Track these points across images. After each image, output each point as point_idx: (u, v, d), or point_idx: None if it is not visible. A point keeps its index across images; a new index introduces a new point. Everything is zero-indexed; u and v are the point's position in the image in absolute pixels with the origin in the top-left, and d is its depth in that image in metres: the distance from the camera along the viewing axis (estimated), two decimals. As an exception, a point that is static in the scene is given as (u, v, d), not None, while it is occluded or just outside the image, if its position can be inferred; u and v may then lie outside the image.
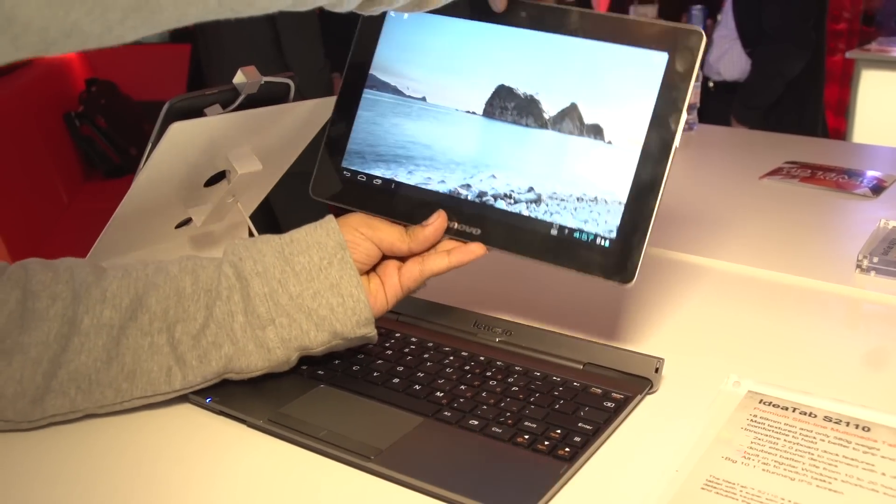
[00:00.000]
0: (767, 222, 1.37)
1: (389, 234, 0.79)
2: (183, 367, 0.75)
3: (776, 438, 0.72)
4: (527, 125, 0.78)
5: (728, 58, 2.94)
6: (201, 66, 3.02)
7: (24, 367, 0.71)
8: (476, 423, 0.74)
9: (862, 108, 3.76)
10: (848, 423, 0.74)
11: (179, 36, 4.42)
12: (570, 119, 0.76)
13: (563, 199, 0.76)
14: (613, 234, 0.75)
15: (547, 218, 0.77)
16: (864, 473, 0.68)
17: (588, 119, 0.76)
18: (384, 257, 0.81)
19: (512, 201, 0.78)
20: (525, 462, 0.69)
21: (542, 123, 0.78)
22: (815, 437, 0.72)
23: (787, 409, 0.77)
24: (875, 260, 1.13)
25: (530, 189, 0.78)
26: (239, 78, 0.85)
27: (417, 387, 0.80)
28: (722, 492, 0.66)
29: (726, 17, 2.98)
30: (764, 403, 0.78)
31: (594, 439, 0.72)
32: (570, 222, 0.76)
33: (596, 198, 0.75)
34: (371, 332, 0.79)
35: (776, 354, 0.92)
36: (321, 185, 0.86)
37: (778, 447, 0.71)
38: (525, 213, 0.78)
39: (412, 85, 0.83)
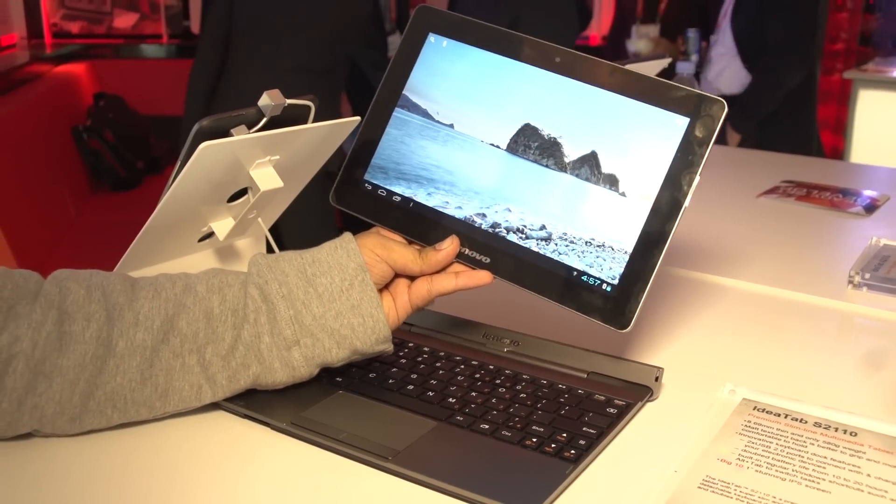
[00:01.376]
0: (764, 239, 1.42)
1: (403, 256, 0.83)
2: (213, 386, 0.79)
3: (769, 442, 0.77)
4: (547, 166, 0.82)
5: (727, 73, 2.99)
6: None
7: (63, 388, 0.74)
8: (487, 426, 0.79)
9: (859, 128, 3.81)
10: (837, 429, 0.79)
11: (184, 51, 4.48)
12: (588, 166, 0.80)
13: (572, 241, 0.80)
14: (616, 282, 0.78)
15: (555, 257, 0.81)
16: (851, 474, 0.72)
17: (605, 168, 0.80)
18: (395, 275, 0.85)
19: (524, 236, 0.82)
20: (533, 463, 0.74)
21: (561, 166, 0.81)
22: (805, 441, 0.77)
23: (779, 415, 0.81)
24: (867, 276, 1.18)
25: (542, 227, 0.82)
26: (264, 100, 0.90)
27: (431, 393, 0.84)
28: (717, 491, 0.70)
29: (723, 36, 3.03)
30: (758, 410, 0.82)
31: (598, 442, 0.77)
32: (576, 264, 0.80)
33: (603, 244, 0.79)
34: (389, 347, 0.84)
35: (770, 365, 0.96)
36: (342, 194, 0.90)
37: (770, 450, 0.76)
38: (535, 249, 0.82)
39: (442, 111, 0.87)
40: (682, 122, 0.78)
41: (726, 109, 0.77)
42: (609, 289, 0.79)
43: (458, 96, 0.87)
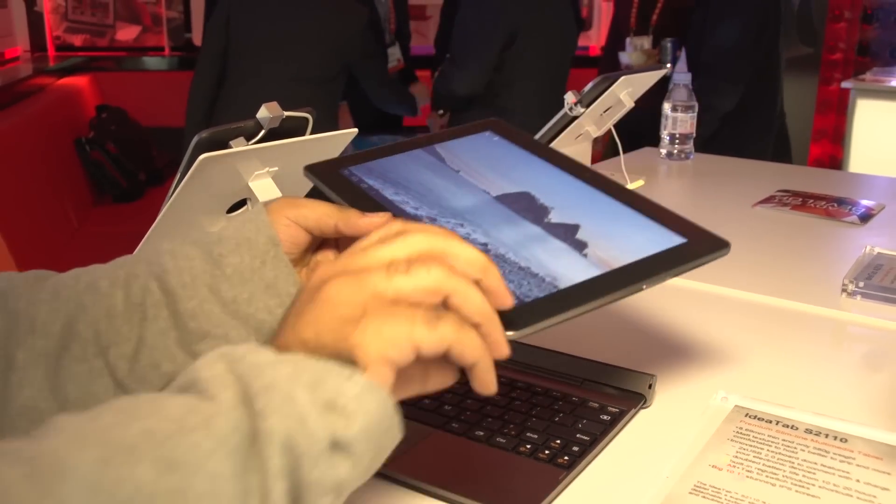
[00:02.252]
0: (759, 248, 1.43)
1: (314, 210, 0.70)
2: (126, 391, 0.70)
3: (760, 448, 0.78)
4: (524, 217, 0.75)
5: None
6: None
7: None
8: (482, 433, 0.80)
9: (857, 137, 3.82)
10: (827, 435, 0.80)
11: (186, 64, 4.51)
12: (564, 230, 0.74)
13: (506, 261, 0.70)
14: (527, 300, 0.66)
15: None
16: (840, 480, 0.73)
17: (580, 237, 0.73)
18: (320, 246, 0.73)
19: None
20: (527, 469, 0.75)
21: (538, 222, 0.75)
22: (795, 448, 0.78)
23: (770, 421, 0.82)
24: (860, 284, 1.19)
25: (484, 245, 0.71)
26: (262, 112, 0.91)
27: (427, 401, 0.86)
28: (708, 496, 0.71)
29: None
30: (749, 417, 0.84)
31: (591, 449, 0.78)
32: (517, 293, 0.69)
33: (537, 274, 0.69)
34: None
35: (763, 372, 0.98)
36: (318, 170, 0.79)
37: (761, 456, 0.77)
38: None
39: (457, 162, 0.82)
40: (678, 239, 0.73)
41: (729, 250, 0.74)
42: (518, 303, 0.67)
43: (480, 162, 0.82)
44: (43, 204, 3.23)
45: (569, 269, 0.67)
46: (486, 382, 0.56)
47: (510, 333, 0.59)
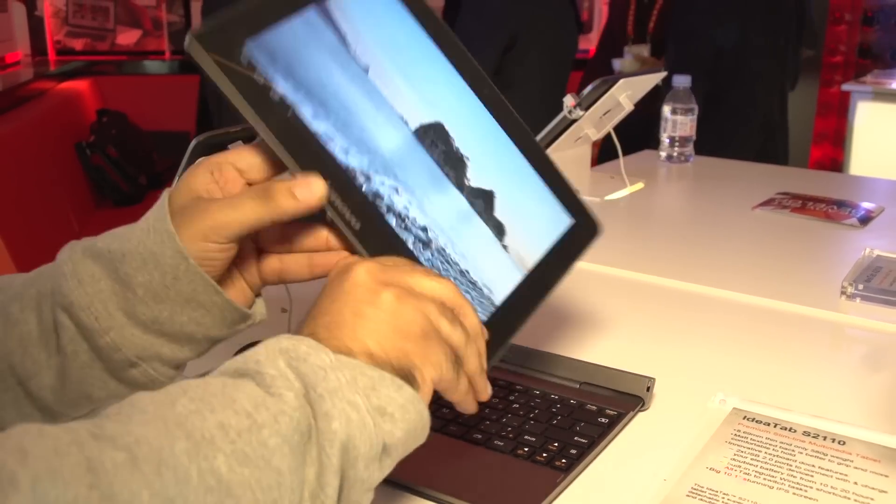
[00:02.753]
0: (758, 251, 1.43)
1: (241, 217, 0.60)
2: (55, 417, 0.66)
3: (757, 451, 0.78)
4: (446, 175, 0.72)
5: None
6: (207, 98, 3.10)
7: None
8: (480, 436, 0.80)
9: (858, 140, 3.83)
10: (825, 438, 0.80)
11: (187, 67, 4.51)
12: (483, 201, 0.73)
13: (448, 262, 0.69)
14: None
15: (426, 265, 0.66)
16: (838, 482, 0.73)
17: (497, 214, 0.73)
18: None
19: (404, 226, 0.67)
20: (525, 472, 0.75)
21: (459, 185, 0.72)
22: (793, 450, 0.78)
23: (769, 424, 0.82)
24: (859, 287, 1.19)
25: (424, 229, 0.68)
26: (260, 116, 0.91)
27: (425, 404, 0.85)
28: (705, 499, 0.71)
29: None
30: (748, 419, 0.83)
31: (589, 452, 0.78)
32: None
33: (476, 283, 0.69)
34: (255, 321, 0.69)
35: (762, 375, 0.98)
36: (211, 42, 0.61)
37: (759, 459, 0.77)
38: (410, 246, 0.66)
39: (360, 49, 0.70)
40: (567, 220, 0.77)
41: (597, 236, 0.77)
42: None
43: (383, 48, 0.71)
44: (44, 208, 3.23)
45: (498, 274, 0.71)
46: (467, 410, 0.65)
47: None
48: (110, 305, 0.62)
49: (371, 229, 0.64)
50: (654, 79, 1.77)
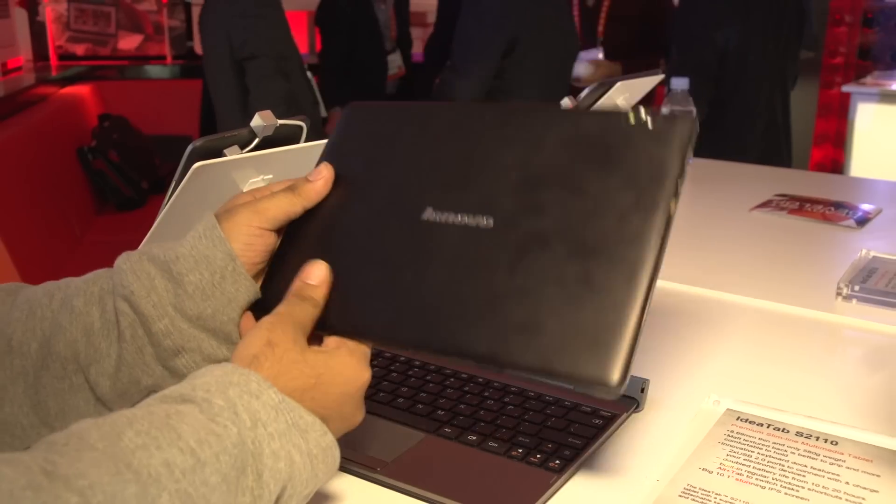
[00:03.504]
0: (755, 252, 1.43)
1: (279, 207, 0.74)
2: (106, 405, 0.72)
3: (750, 451, 0.78)
4: None
5: None
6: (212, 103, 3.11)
7: None
8: (474, 438, 0.80)
9: (858, 141, 3.83)
10: (818, 438, 0.80)
11: (188, 72, 4.53)
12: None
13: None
14: None
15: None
16: (830, 482, 0.74)
17: None
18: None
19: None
20: (518, 473, 0.75)
21: None
22: (786, 451, 0.79)
23: (761, 425, 0.83)
24: (855, 288, 1.19)
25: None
26: (256, 121, 0.92)
27: (420, 406, 0.86)
28: (698, 499, 0.72)
29: None
30: (741, 420, 0.84)
31: (582, 453, 0.78)
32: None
33: None
34: None
35: (757, 376, 0.98)
36: None
37: (752, 459, 0.77)
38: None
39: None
40: None
41: None
42: None
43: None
44: (46, 213, 3.24)
45: None
46: None
47: None
48: (163, 299, 0.70)
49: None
50: (651, 81, 1.77)
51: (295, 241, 0.76)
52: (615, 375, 0.60)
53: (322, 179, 0.77)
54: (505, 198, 0.69)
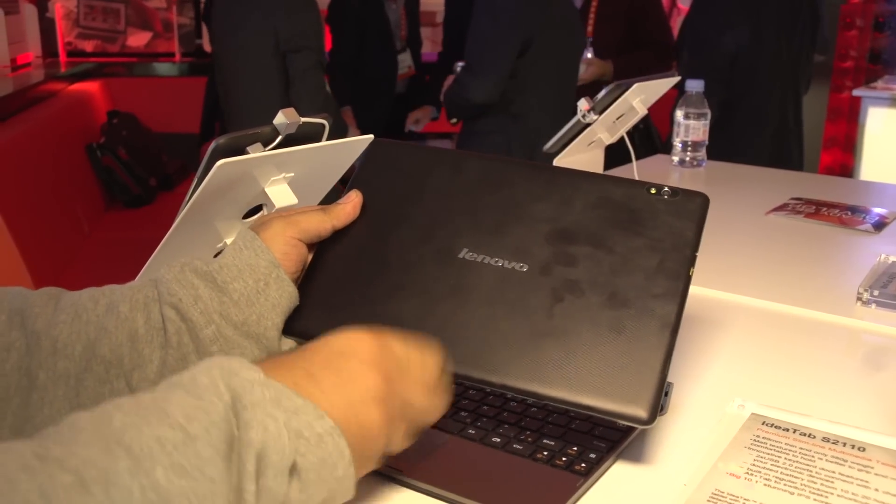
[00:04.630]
0: (773, 256, 1.43)
1: (311, 222, 0.79)
2: None
3: (777, 457, 0.78)
4: None
5: None
6: (218, 99, 3.11)
7: None
8: (498, 440, 0.80)
9: (869, 145, 3.82)
10: (845, 444, 0.80)
11: (197, 69, 4.52)
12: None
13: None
14: None
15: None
16: (859, 489, 0.73)
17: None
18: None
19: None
20: (544, 476, 0.75)
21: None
22: (813, 456, 0.78)
23: (787, 430, 0.82)
24: (875, 293, 1.18)
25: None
26: (279, 118, 0.91)
27: (443, 407, 0.85)
28: (726, 504, 0.71)
29: None
30: (766, 425, 0.83)
31: (608, 456, 0.77)
32: None
33: None
34: None
35: (779, 380, 0.97)
36: None
37: (779, 464, 0.77)
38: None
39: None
40: None
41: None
42: None
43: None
44: (54, 209, 3.24)
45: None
46: None
47: None
48: (209, 307, 0.73)
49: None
50: (667, 83, 1.77)
51: (324, 265, 0.82)
52: (648, 414, 0.69)
53: (352, 203, 0.82)
54: (538, 248, 0.77)
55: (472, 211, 0.81)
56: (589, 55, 3.33)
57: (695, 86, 2.00)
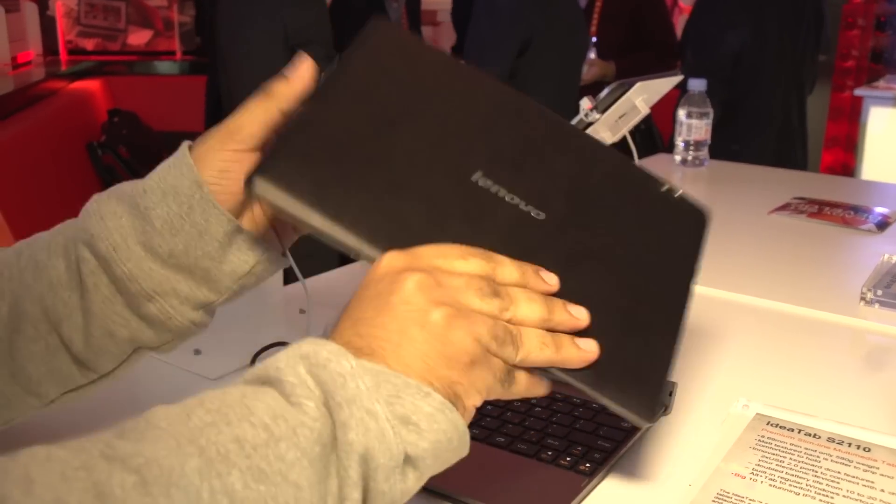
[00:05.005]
0: (776, 256, 1.43)
1: (252, 119, 0.65)
2: (85, 364, 0.66)
3: (782, 457, 0.78)
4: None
5: None
6: (220, 98, 3.10)
7: None
8: (503, 440, 0.79)
9: (870, 145, 3.82)
10: (850, 444, 0.79)
11: (198, 68, 4.52)
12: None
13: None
14: None
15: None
16: (865, 490, 0.73)
17: None
18: None
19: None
20: (549, 476, 0.74)
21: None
22: (818, 457, 0.78)
23: (792, 430, 0.82)
24: (879, 293, 1.18)
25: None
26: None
27: (446, 406, 0.85)
28: (732, 504, 0.71)
29: None
30: (771, 425, 0.83)
31: (613, 456, 0.77)
32: None
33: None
34: (263, 262, 0.68)
35: (783, 380, 0.97)
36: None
37: (784, 465, 0.76)
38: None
39: None
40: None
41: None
42: None
43: None
44: (55, 208, 3.23)
45: None
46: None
47: None
48: (129, 239, 0.63)
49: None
50: (670, 82, 1.76)
51: (312, 121, 0.63)
52: (649, 416, 0.62)
53: (299, 79, 0.65)
54: (557, 200, 0.67)
55: (489, 134, 0.68)
56: (592, 55, 3.33)
57: (697, 85, 2.00)
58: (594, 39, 3.39)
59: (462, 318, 0.54)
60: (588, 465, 0.75)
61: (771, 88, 2.93)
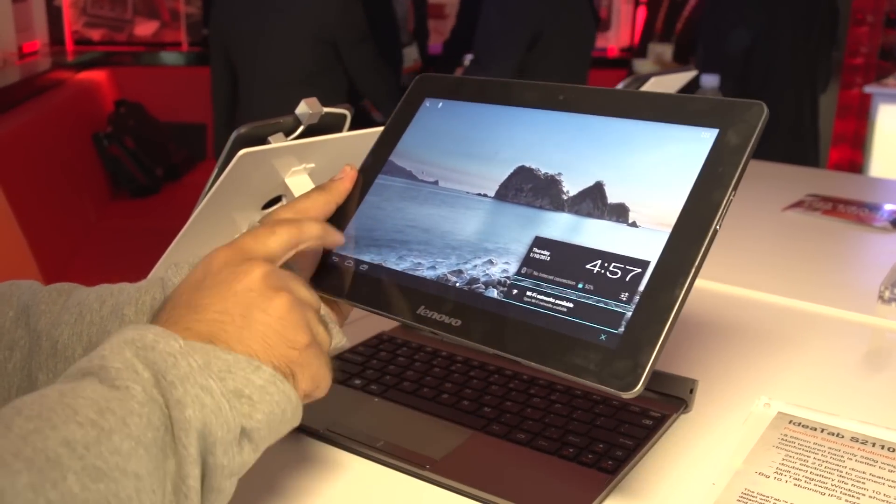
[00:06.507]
0: (791, 253, 1.42)
1: (312, 228, 0.68)
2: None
3: (806, 456, 0.77)
4: (541, 207, 0.71)
5: None
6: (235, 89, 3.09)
7: None
8: (523, 436, 0.79)
9: (879, 142, 3.80)
10: (874, 444, 0.79)
11: (204, 59, 4.50)
12: (591, 199, 0.69)
13: (564, 286, 0.66)
14: (620, 331, 0.61)
15: (540, 309, 0.65)
16: (891, 490, 0.72)
17: (613, 199, 0.68)
18: None
19: (505, 290, 0.67)
20: (571, 473, 0.74)
21: (557, 205, 0.70)
22: (843, 456, 0.77)
23: (815, 429, 0.81)
24: (896, 291, 1.17)
25: (529, 274, 0.68)
26: (302, 108, 0.90)
27: (466, 402, 0.84)
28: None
29: None
30: (793, 424, 0.82)
31: (635, 454, 0.76)
32: (568, 313, 0.64)
33: (615, 277, 0.64)
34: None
35: (802, 378, 0.96)
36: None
37: (808, 464, 0.76)
38: (514, 302, 0.66)
39: (427, 169, 0.78)
40: (709, 134, 0.66)
41: (765, 113, 0.66)
42: (608, 339, 0.61)
43: (446, 152, 0.78)
44: (61, 198, 3.23)
45: (632, 258, 0.64)
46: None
47: (627, 394, 0.58)
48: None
49: (469, 321, 0.67)
50: (684, 78, 1.75)
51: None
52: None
53: (348, 178, 0.78)
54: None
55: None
56: (667, 55, 3.32)
57: (710, 80, 1.98)
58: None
59: (298, 304, 0.58)
60: (610, 462, 0.75)
61: (783, 86, 2.92)
